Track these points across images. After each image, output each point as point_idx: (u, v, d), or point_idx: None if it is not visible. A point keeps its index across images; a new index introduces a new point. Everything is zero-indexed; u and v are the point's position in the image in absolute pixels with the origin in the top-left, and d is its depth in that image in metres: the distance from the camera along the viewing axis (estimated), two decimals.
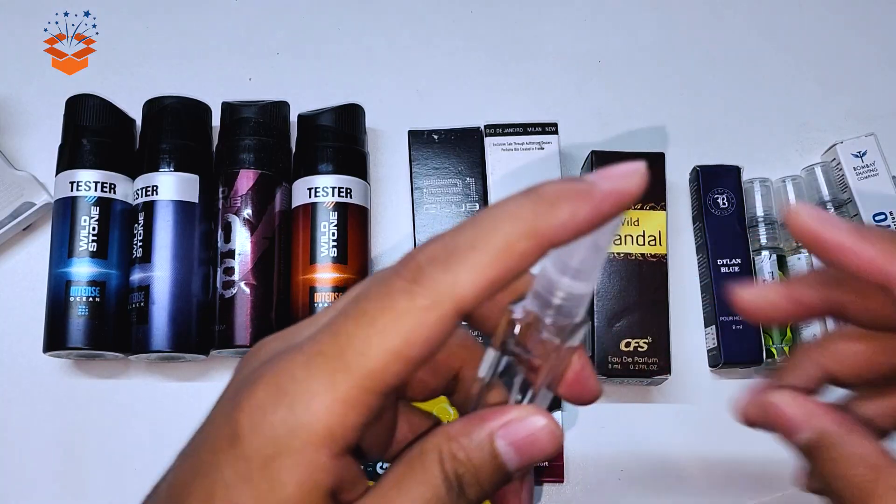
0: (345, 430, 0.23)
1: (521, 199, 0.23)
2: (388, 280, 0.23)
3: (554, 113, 0.66)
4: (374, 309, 0.23)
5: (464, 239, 0.23)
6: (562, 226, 0.22)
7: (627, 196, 0.23)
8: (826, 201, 0.65)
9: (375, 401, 0.23)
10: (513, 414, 0.24)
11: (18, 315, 0.64)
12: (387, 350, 0.23)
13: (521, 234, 0.22)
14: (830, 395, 0.33)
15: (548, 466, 0.61)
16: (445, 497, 0.23)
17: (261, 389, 0.23)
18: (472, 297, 0.22)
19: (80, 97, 0.62)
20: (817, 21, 0.72)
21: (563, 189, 0.23)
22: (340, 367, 0.23)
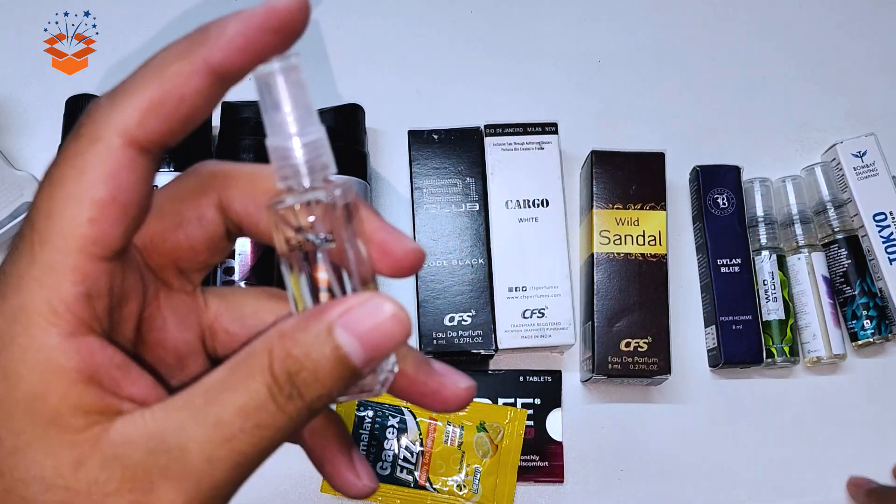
0: (66, 300, 0.21)
1: (181, 36, 0.23)
2: (66, 136, 0.23)
3: (554, 113, 0.66)
4: (52, 167, 0.22)
5: (127, 77, 0.22)
6: (215, 41, 0.22)
7: (277, 9, 0.22)
8: (826, 201, 0.65)
9: (90, 264, 0.21)
10: (352, 301, 0.22)
11: None
12: (69, 199, 0.21)
13: (175, 56, 0.22)
14: None
15: (548, 466, 0.61)
16: (268, 400, 0.21)
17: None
18: (134, 121, 0.21)
19: (80, 97, 0.62)
20: (817, 21, 0.72)
21: (219, 17, 0.23)
22: (36, 238, 0.21)
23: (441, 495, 0.59)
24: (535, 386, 0.62)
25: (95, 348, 0.21)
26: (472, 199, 0.62)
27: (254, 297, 0.27)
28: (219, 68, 0.22)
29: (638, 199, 0.62)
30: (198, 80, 0.22)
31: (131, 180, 0.22)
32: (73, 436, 0.21)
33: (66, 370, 0.21)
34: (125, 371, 0.22)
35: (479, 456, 0.60)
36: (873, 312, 0.63)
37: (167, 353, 0.25)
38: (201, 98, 0.22)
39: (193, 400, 0.21)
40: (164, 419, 0.21)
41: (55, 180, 0.21)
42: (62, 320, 0.21)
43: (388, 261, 0.25)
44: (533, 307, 0.60)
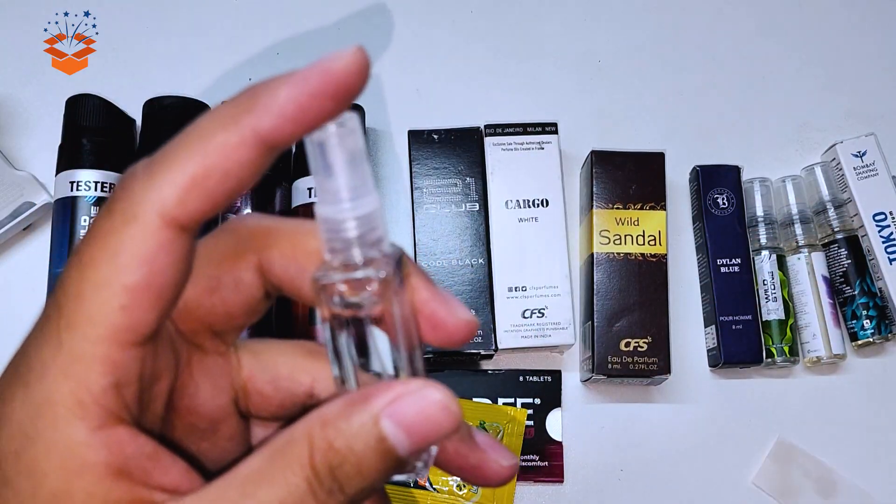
0: (93, 394, 0.20)
1: (229, 98, 0.20)
2: (99, 210, 0.21)
3: (554, 113, 0.66)
4: (82, 245, 0.20)
5: (166, 147, 0.20)
6: (264, 109, 0.20)
7: (333, 71, 0.20)
8: (826, 201, 0.65)
9: (119, 352, 0.20)
10: (399, 389, 0.20)
11: (18, 315, 0.64)
12: (100, 284, 0.20)
13: (219, 126, 0.20)
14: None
15: (548, 466, 0.61)
16: (310, 500, 0.20)
17: (0, 380, 0.21)
18: (174, 199, 0.20)
19: (80, 97, 0.62)
20: (817, 21, 0.72)
21: (268, 79, 0.20)
22: (63, 324, 0.20)
23: (441, 495, 0.59)
24: (535, 386, 0.62)
25: (125, 440, 0.20)
26: (472, 199, 0.62)
27: (289, 355, 0.25)
28: (268, 138, 0.20)
29: (638, 199, 0.62)
30: (244, 153, 0.20)
31: (168, 263, 0.20)
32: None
33: (93, 466, 0.20)
34: (156, 460, 0.21)
35: None
36: (873, 312, 0.63)
37: (200, 418, 0.24)
38: (247, 171, 0.20)
39: (228, 492, 0.20)
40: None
41: (86, 261, 0.20)
42: (89, 413, 0.20)
43: (438, 333, 0.23)
44: (533, 307, 0.60)
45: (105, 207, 0.20)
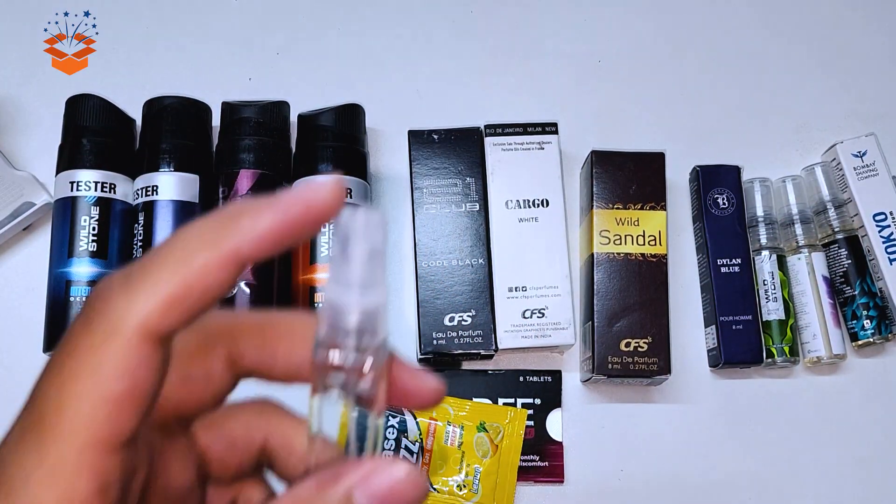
0: (80, 500, 0.20)
1: (206, 217, 0.22)
2: (72, 324, 0.21)
3: (554, 113, 0.66)
4: (60, 356, 0.21)
5: (144, 260, 0.21)
6: (246, 233, 0.21)
7: (314, 204, 0.21)
8: (826, 201, 0.65)
9: (104, 459, 0.20)
10: (370, 466, 0.22)
11: (18, 315, 0.64)
12: (82, 397, 0.20)
13: (200, 246, 0.21)
14: None
15: (548, 466, 0.61)
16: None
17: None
18: (155, 315, 0.20)
19: (80, 97, 0.62)
20: (817, 21, 0.72)
21: (247, 202, 0.22)
22: (46, 435, 0.20)
23: (441, 495, 0.59)
24: (535, 386, 0.62)
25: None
26: (472, 199, 0.62)
27: (239, 419, 0.26)
28: (247, 259, 0.21)
29: (638, 199, 0.62)
30: (222, 273, 0.21)
31: (149, 374, 0.21)
32: None
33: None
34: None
35: (479, 456, 0.60)
36: (873, 312, 0.63)
37: (169, 497, 0.25)
38: (224, 287, 0.21)
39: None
40: None
41: (66, 374, 0.21)
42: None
43: (413, 400, 0.25)
44: (533, 307, 0.60)
45: (83, 320, 0.21)
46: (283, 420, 0.26)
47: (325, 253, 0.60)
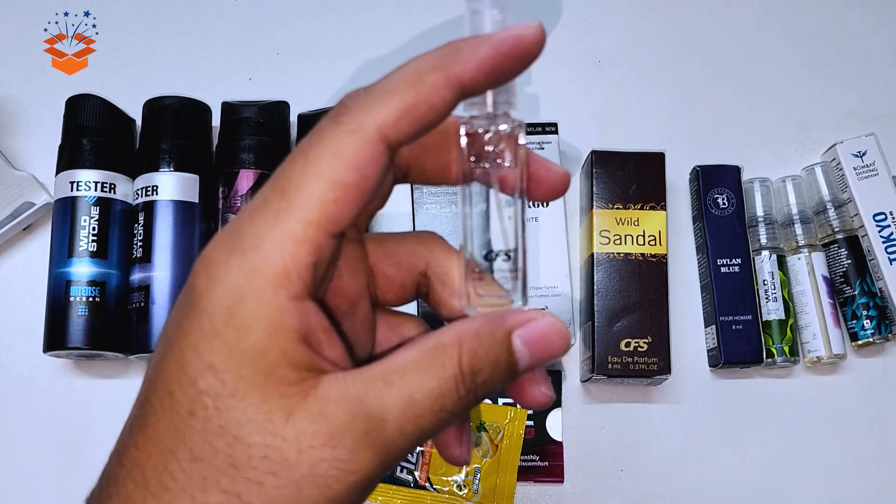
0: (298, 267, 0.23)
1: (433, 49, 0.25)
2: (319, 123, 0.25)
3: (554, 113, 0.66)
4: (307, 145, 0.24)
5: (383, 79, 0.25)
6: (466, 60, 0.24)
7: (524, 39, 0.25)
8: (826, 201, 0.65)
9: (324, 238, 0.24)
10: (530, 314, 0.26)
11: (18, 315, 0.64)
12: (321, 178, 0.23)
13: (431, 68, 0.24)
14: None
15: (548, 466, 0.61)
16: (453, 389, 0.24)
17: (212, 248, 0.24)
18: (391, 121, 0.24)
19: (80, 97, 0.62)
20: (817, 21, 0.72)
21: (469, 37, 0.25)
22: (283, 206, 0.23)
23: (441, 495, 0.59)
24: None
25: (312, 312, 0.24)
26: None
27: (406, 244, 0.29)
28: (467, 85, 0.24)
29: (638, 199, 0.62)
30: (447, 93, 0.24)
31: (375, 172, 0.24)
32: (286, 388, 0.23)
33: (288, 329, 0.23)
34: (328, 335, 0.25)
35: (479, 456, 0.60)
36: (873, 312, 0.63)
37: (343, 300, 0.27)
38: (446, 108, 0.24)
39: (390, 375, 0.24)
40: (364, 387, 0.24)
41: (311, 157, 0.24)
42: (293, 285, 0.23)
43: (543, 188, 0.28)
44: (533, 307, 0.60)
45: (330, 118, 0.24)
46: (444, 252, 0.29)
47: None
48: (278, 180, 0.24)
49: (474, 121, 0.26)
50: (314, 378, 0.24)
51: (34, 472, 0.62)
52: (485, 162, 0.26)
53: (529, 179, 0.27)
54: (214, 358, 0.23)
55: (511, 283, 0.27)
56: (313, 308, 0.24)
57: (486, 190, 0.27)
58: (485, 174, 0.26)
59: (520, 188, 0.26)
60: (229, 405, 0.23)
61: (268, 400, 0.23)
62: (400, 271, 0.29)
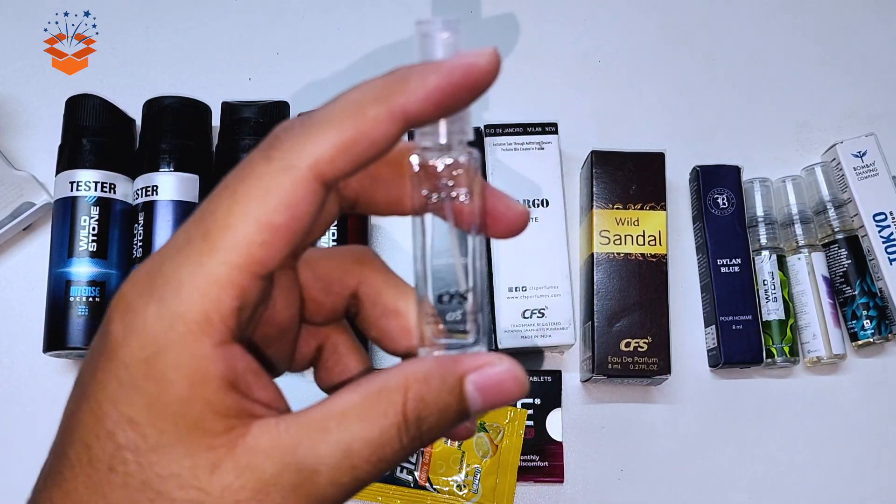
0: (222, 313, 0.22)
1: (377, 77, 0.23)
2: (249, 156, 0.23)
3: (554, 113, 0.66)
4: (234, 181, 0.23)
5: (319, 110, 0.23)
6: (412, 91, 0.23)
7: (476, 68, 0.23)
8: (826, 201, 0.65)
9: (249, 281, 0.22)
10: (485, 358, 0.24)
11: (18, 315, 0.64)
12: (248, 218, 0.22)
13: (372, 100, 0.23)
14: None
15: (548, 466, 0.61)
16: (395, 438, 0.23)
17: (130, 290, 0.23)
18: (327, 157, 0.22)
19: (80, 97, 0.62)
20: (817, 21, 0.72)
21: (416, 65, 0.23)
22: (205, 248, 0.22)
23: (441, 495, 0.59)
24: (535, 386, 0.62)
25: (238, 356, 0.23)
26: None
27: (339, 262, 0.28)
28: (412, 118, 0.23)
29: (638, 199, 0.62)
30: (390, 127, 0.23)
31: (308, 211, 0.23)
32: (212, 439, 0.22)
33: (212, 377, 0.22)
34: (258, 377, 0.24)
35: (478, 456, 0.60)
36: (873, 312, 0.63)
37: (274, 328, 0.26)
38: (388, 143, 0.23)
39: (327, 422, 0.23)
40: (297, 434, 0.22)
41: (239, 195, 0.22)
42: (216, 331, 0.22)
43: (498, 225, 0.26)
44: (533, 307, 0.60)
45: (261, 152, 0.23)
46: (377, 272, 0.28)
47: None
48: (202, 218, 0.23)
49: (427, 151, 0.24)
50: (243, 426, 0.22)
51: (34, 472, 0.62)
52: (439, 195, 0.24)
53: (486, 215, 0.26)
54: (134, 411, 0.22)
55: (467, 325, 0.25)
56: (239, 352, 0.23)
57: (440, 225, 0.25)
58: (439, 208, 0.25)
59: (476, 223, 0.25)
60: (151, 460, 0.22)
61: (192, 453, 0.22)
62: (329, 295, 0.27)
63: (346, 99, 0.23)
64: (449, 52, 0.24)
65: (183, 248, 0.23)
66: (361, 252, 0.28)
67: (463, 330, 0.25)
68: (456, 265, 0.25)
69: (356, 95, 0.23)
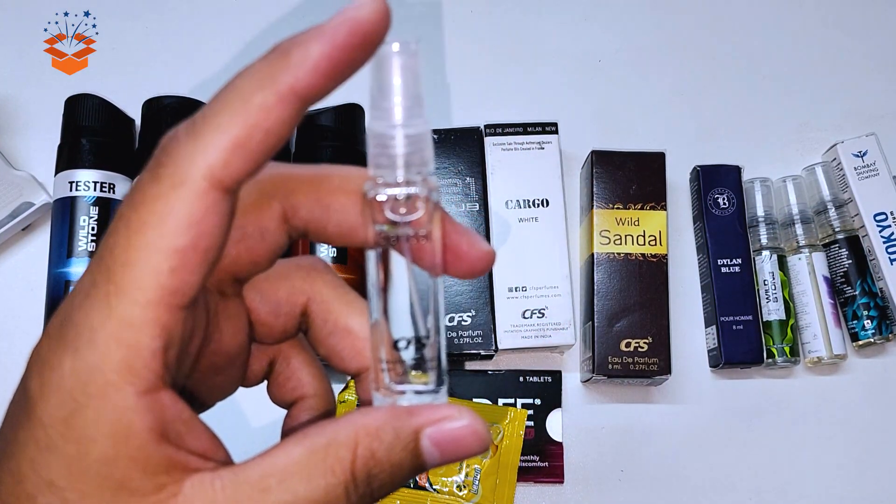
0: (143, 358, 0.20)
1: (257, 59, 0.21)
2: (138, 177, 0.21)
3: (554, 113, 0.66)
4: (127, 209, 0.21)
5: (204, 109, 0.21)
6: (297, 66, 0.20)
7: (361, 22, 0.20)
8: (827, 201, 0.65)
9: (168, 315, 0.20)
10: (442, 412, 0.23)
11: (18, 315, 0.64)
12: (149, 248, 0.20)
13: (255, 86, 0.20)
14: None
15: (548, 466, 0.61)
16: (342, 498, 0.21)
17: (44, 343, 0.21)
18: (220, 162, 0.20)
19: (79, 97, 0.62)
20: (817, 21, 0.72)
21: (295, 36, 0.21)
22: (112, 290, 0.20)
23: (441, 495, 0.59)
24: (535, 386, 0.62)
25: (167, 404, 0.21)
26: (472, 198, 0.62)
27: (285, 280, 0.26)
28: (304, 94, 0.20)
29: (638, 199, 0.62)
30: (283, 110, 0.20)
31: (214, 224, 0.20)
32: (140, 499, 0.20)
33: (138, 432, 0.20)
34: (190, 425, 0.22)
35: (478, 456, 0.60)
36: (874, 312, 0.62)
37: (220, 358, 0.25)
38: (286, 127, 0.21)
39: (267, 480, 0.21)
40: (234, 494, 0.21)
41: (133, 226, 0.20)
42: (139, 378, 0.20)
43: (460, 264, 0.24)
44: (533, 307, 0.60)
45: (149, 171, 0.21)
46: (327, 286, 0.26)
47: (324, 253, 0.60)
48: (102, 257, 0.21)
49: (381, 183, 0.22)
50: (174, 483, 0.21)
51: None
52: (394, 230, 0.22)
53: (446, 252, 0.24)
54: (53, 474, 0.20)
55: (427, 369, 0.24)
56: (168, 398, 0.21)
57: (398, 261, 0.23)
58: (395, 244, 0.23)
59: (436, 262, 0.23)
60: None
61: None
62: (279, 317, 0.26)
63: (229, 90, 0.21)
64: (406, 78, 0.22)
65: (90, 293, 0.20)
66: (310, 265, 0.26)
67: (422, 374, 0.24)
68: (414, 307, 0.23)
69: (239, 84, 0.21)
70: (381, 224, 0.22)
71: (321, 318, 0.26)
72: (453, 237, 0.24)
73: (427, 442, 0.22)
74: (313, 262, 0.27)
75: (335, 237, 0.24)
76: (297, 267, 0.26)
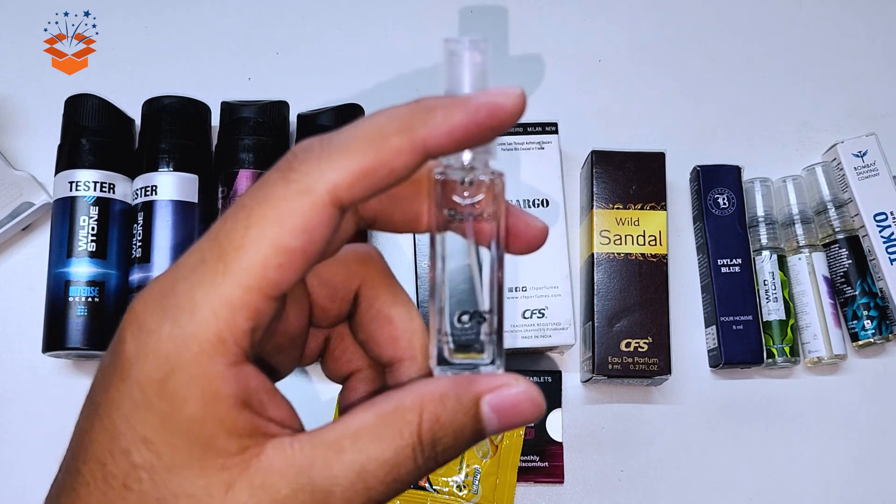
0: (235, 334, 0.22)
1: (401, 105, 0.24)
2: (266, 176, 0.23)
3: (554, 113, 0.66)
4: (251, 202, 0.23)
5: (341, 133, 0.23)
6: (436, 126, 0.23)
7: (502, 108, 0.23)
8: (827, 201, 0.65)
9: (263, 302, 0.22)
10: (502, 379, 0.24)
11: (18, 315, 0.64)
12: (264, 241, 0.22)
13: (395, 130, 0.23)
14: None
15: (548, 467, 0.61)
16: (410, 459, 0.23)
17: (142, 310, 0.23)
18: (345, 183, 0.22)
19: (79, 97, 0.62)
20: (817, 21, 0.72)
21: (441, 98, 0.23)
22: (220, 269, 0.22)
23: (441, 496, 0.59)
24: None
25: (251, 376, 0.23)
26: None
27: (343, 266, 0.27)
28: (432, 150, 0.23)
29: (638, 199, 0.62)
30: (410, 157, 0.23)
31: (324, 235, 0.23)
32: (226, 459, 0.22)
33: (225, 397, 0.22)
34: (271, 396, 0.24)
35: (478, 456, 0.60)
36: (874, 312, 0.62)
37: (285, 338, 0.27)
38: (407, 172, 0.23)
39: (341, 441, 0.23)
40: (312, 454, 0.23)
41: (254, 218, 0.22)
42: (229, 351, 0.22)
43: (519, 243, 0.26)
44: (533, 307, 0.60)
45: (279, 172, 0.23)
46: (379, 273, 0.27)
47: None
48: (218, 238, 0.23)
49: (449, 169, 0.24)
50: (257, 446, 0.23)
51: (33, 472, 0.61)
52: (460, 214, 0.24)
53: (507, 233, 0.26)
54: (148, 430, 0.22)
55: (485, 346, 0.25)
56: (252, 371, 0.23)
57: (460, 244, 0.25)
58: (460, 227, 0.25)
59: (499, 241, 0.25)
60: (166, 479, 0.22)
61: (206, 473, 0.22)
62: (335, 301, 0.27)
63: (369, 125, 0.23)
64: (476, 74, 0.24)
65: (197, 269, 0.23)
66: (366, 252, 0.28)
67: (479, 350, 0.25)
68: (476, 285, 0.25)
69: (380, 122, 0.23)
70: (448, 208, 0.24)
71: (367, 303, 0.28)
72: (512, 218, 0.26)
73: (487, 408, 0.24)
74: (368, 250, 0.28)
75: (401, 225, 0.26)
76: (353, 254, 0.28)
